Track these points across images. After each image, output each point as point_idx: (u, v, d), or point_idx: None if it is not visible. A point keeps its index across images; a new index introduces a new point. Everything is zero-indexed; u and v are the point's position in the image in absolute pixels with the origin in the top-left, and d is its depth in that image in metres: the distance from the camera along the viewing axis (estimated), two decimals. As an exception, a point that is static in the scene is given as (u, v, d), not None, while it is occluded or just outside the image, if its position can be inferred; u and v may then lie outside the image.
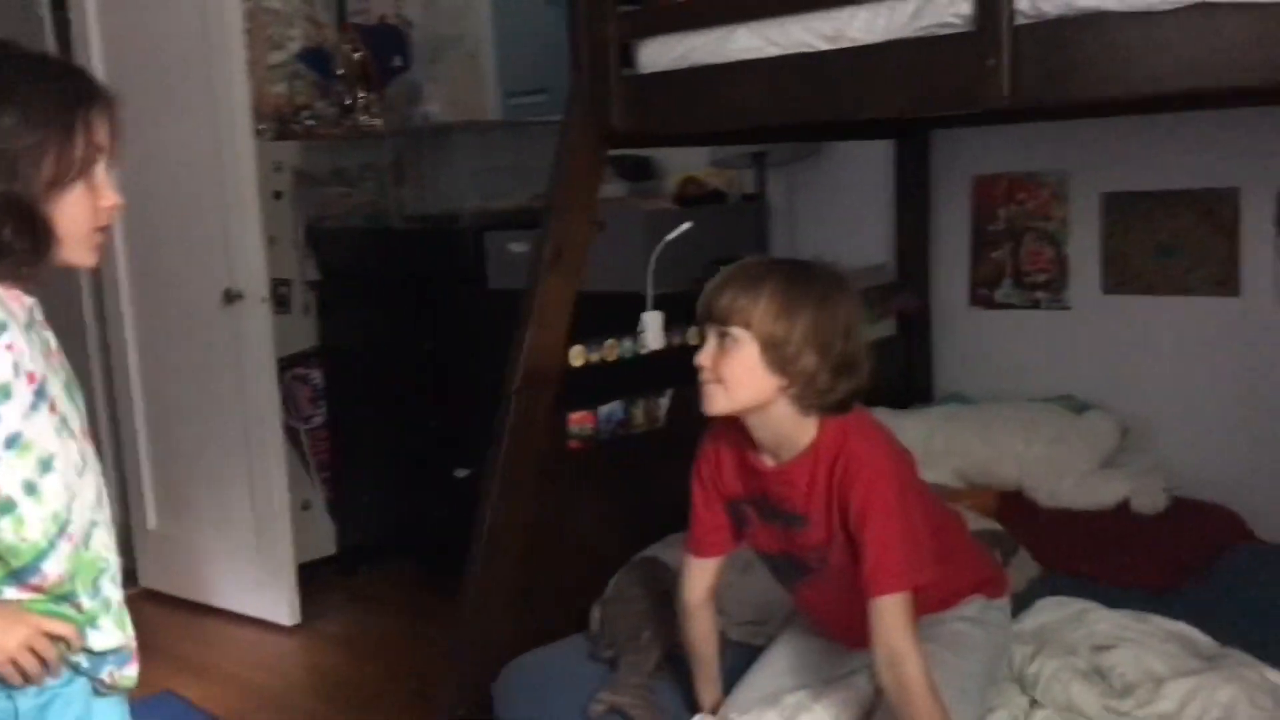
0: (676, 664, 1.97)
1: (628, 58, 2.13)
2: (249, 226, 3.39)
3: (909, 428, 2.69)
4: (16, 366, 1.22)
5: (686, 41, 2.00)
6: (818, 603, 1.76)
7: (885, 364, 2.99)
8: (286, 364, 3.88)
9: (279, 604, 3.55)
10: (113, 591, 1.36)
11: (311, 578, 3.79)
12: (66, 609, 1.29)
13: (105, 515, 1.37)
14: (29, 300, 1.31)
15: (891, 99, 1.78)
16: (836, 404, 1.60)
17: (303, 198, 3.94)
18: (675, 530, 2.32)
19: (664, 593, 2.03)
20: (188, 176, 3.50)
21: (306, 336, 3.99)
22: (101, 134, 1.28)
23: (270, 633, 3.54)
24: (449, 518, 3.65)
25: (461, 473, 3.57)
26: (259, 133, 3.84)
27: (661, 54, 2.05)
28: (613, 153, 2.28)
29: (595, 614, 2.13)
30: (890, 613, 1.53)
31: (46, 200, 1.24)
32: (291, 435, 3.93)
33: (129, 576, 3.96)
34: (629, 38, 2.10)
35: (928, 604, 1.63)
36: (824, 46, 1.83)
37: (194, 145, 3.45)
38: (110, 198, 1.31)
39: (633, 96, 2.11)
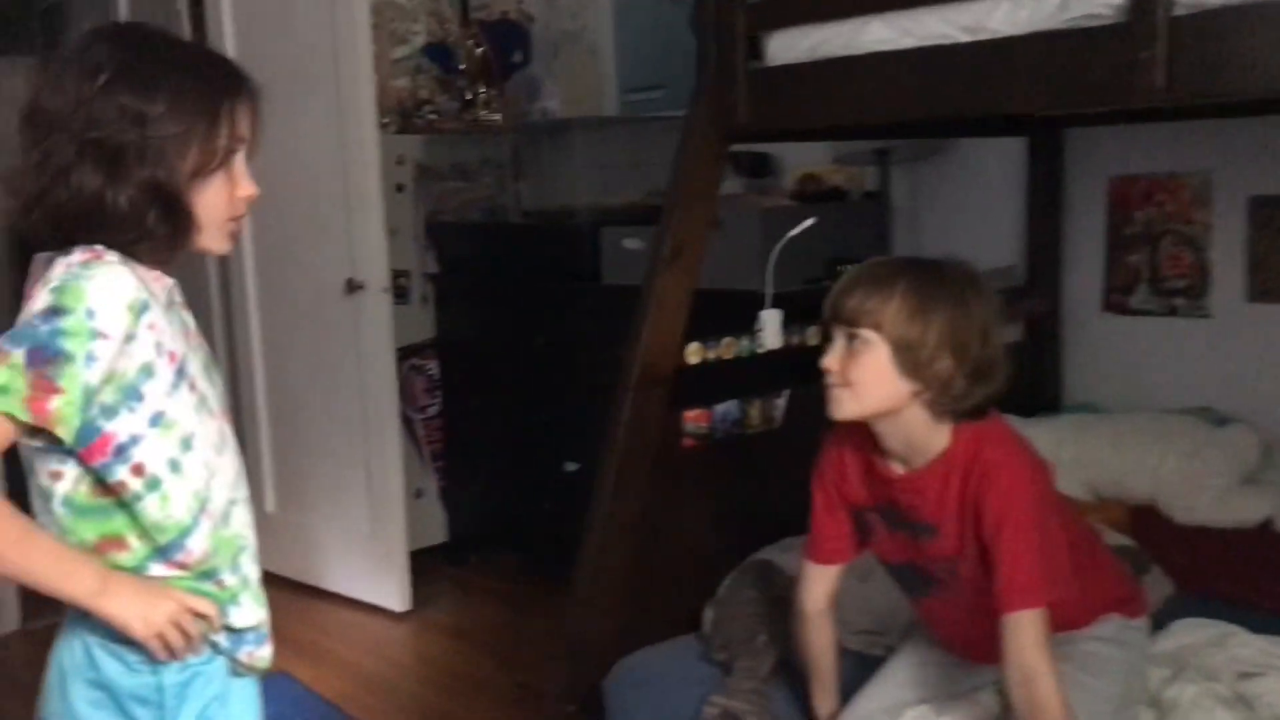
0: (791, 670, 1.93)
1: (755, 50, 2.09)
2: (371, 218, 3.44)
3: (1037, 437, 2.55)
4: (158, 346, 1.24)
5: (818, 33, 1.95)
6: (945, 616, 1.70)
7: (1014, 370, 2.91)
8: (404, 354, 3.93)
9: (390, 591, 3.60)
10: (251, 569, 1.39)
11: (422, 565, 3.83)
12: (209, 586, 1.31)
13: (244, 493, 1.38)
14: (169, 281, 1.33)
15: (1035, 94, 1.70)
16: (972, 410, 1.53)
17: (423, 191, 3.99)
18: (790, 533, 2.27)
19: (779, 597, 1.98)
20: (314, 168, 3.57)
21: (424, 328, 4.04)
22: (244, 125, 1.30)
23: (381, 619, 3.59)
24: (558, 511, 3.67)
25: (571, 466, 3.57)
26: (383, 126, 3.90)
27: (791, 46, 2.00)
28: (734, 149, 2.24)
29: (708, 615, 2.09)
30: (1025, 629, 1.46)
31: (189, 188, 1.27)
32: (406, 424, 3.98)
33: (248, 558, 4.10)
34: (757, 30, 2.06)
35: (1062, 621, 1.56)
36: (963, 39, 1.76)
37: (320, 137, 3.52)
38: (248, 188, 1.33)
39: (759, 90, 2.07)
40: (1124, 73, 1.55)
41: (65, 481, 1.24)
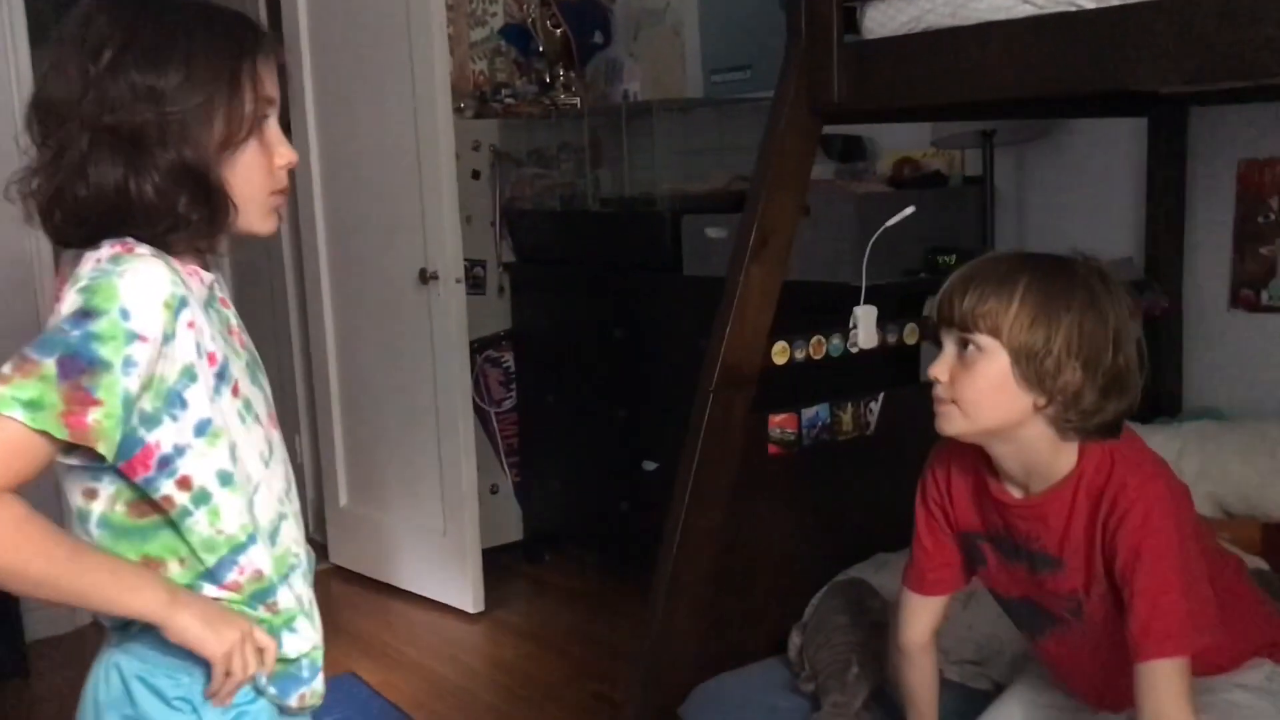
0: (886, 704, 1.76)
1: (851, 23, 1.91)
2: (445, 206, 3.33)
3: (1156, 446, 2.34)
4: (199, 346, 1.12)
5: (921, 2, 1.76)
6: (1066, 658, 1.51)
7: (1148, 380, 2.69)
8: (479, 346, 3.83)
9: (463, 591, 3.50)
10: (304, 589, 1.25)
11: (496, 562, 3.74)
12: (261, 612, 1.18)
13: (294, 508, 1.26)
14: (209, 277, 1.20)
15: (1173, 67, 1.49)
16: (1104, 427, 1.34)
17: (500, 177, 3.87)
18: (884, 549, 2.10)
19: (874, 623, 1.81)
20: (387, 154, 3.47)
21: (500, 319, 3.93)
22: (269, 84, 1.16)
23: (453, 619, 3.49)
24: (635, 511, 3.54)
25: (650, 466, 3.43)
26: (459, 110, 3.79)
27: (891, 17, 1.82)
28: (826, 130, 2.06)
29: (794, 640, 1.93)
30: (1165, 680, 1.28)
31: (220, 163, 1.13)
32: (482, 418, 3.88)
33: (320, 551, 4.05)
34: (854, 0, 1.88)
35: (1202, 666, 1.36)
36: (1089, 5, 1.56)
37: (394, 123, 3.42)
38: (286, 154, 1.19)
39: (855, 66, 1.89)
40: (1286, 40, 1.34)
41: (101, 501, 1.13)
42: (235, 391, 1.17)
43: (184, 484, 1.12)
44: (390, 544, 3.74)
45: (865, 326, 2.17)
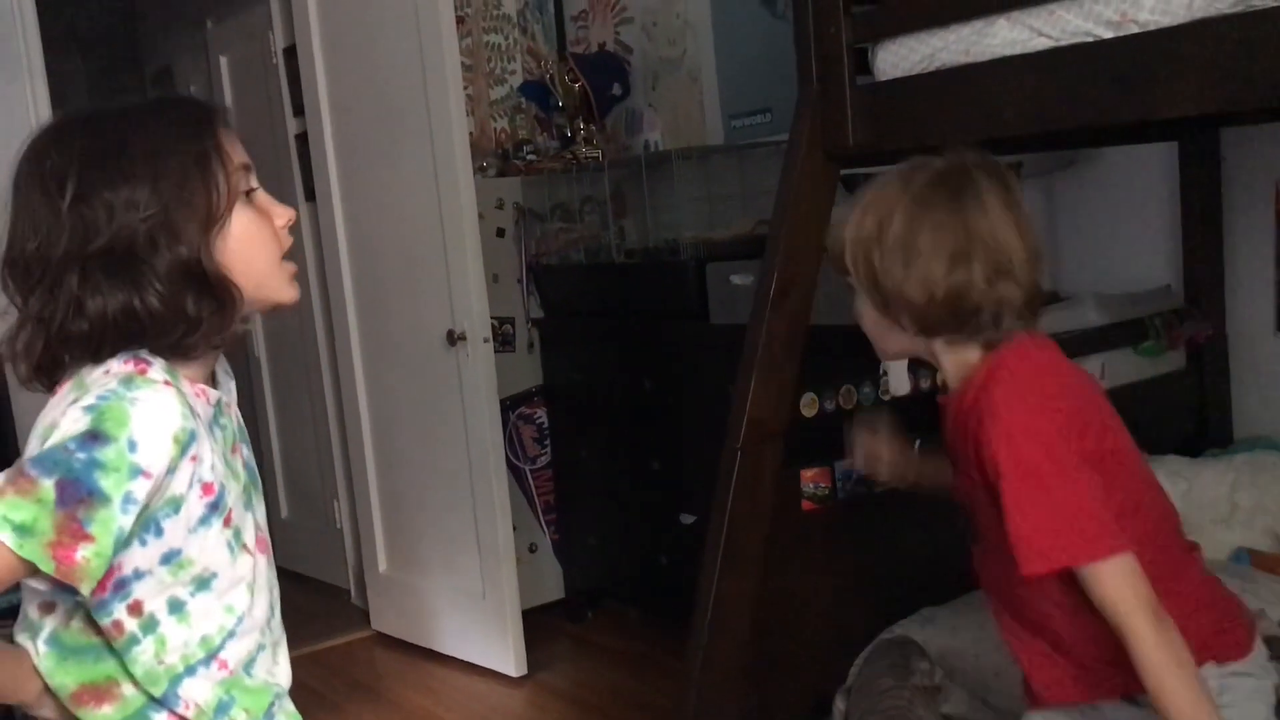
0: (935, 771, 1.68)
1: (863, 64, 1.87)
2: (470, 266, 3.32)
3: (1207, 480, 2.28)
4: (193, 478, 1.07)
5: (934, 40, 1.72)
6: (983, 568, 1.47)
7: (1174, 403, 2.61)
8: (511, 404, 3.80)
9: (505, 654, 3.44)
10: (288, 716, 1.21)
11: (539, 623, 3.67)
12: None
13: (275, 636, 1.20)
14: (215, 394, 1.16)
15: (1201, 93, 1.43)
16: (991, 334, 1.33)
17: (525, 234, 3.86)
18: (930, 603, 2.03)
19: (922, 687, 1.73)
20: (410, 217, 3.47)
21: (531, 375, 3.90)
22: (237, 152, 1.13)
23: (496, 683, 3.43)
24: (675, 564, 3.47)
25: (688, 519, 3.37)
26: (481, 170, 3.80)
27: (903, 57, 1.78)
28: (845, 172, 2.02)
29: (839, 705, 1.86)
30: (1094, 583, 1.24)
31: (211, 248, 1.09)
32: (517, 476, 3.84)
33: (361, 618, 4.01)
34: (865, 41, 1.84)
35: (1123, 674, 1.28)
36: (1106, 34, 1.51)
37: (416, 186, 3.41)
38: (282, 213, 1.16)
39: (869, 107, 1.85)
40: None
41: (57, 616, 1.07)
42: (227, 521, 1.12)
43: (135, 609, 1.07)
44: (430, 608, 3.70)
45: (896, 373, 2.11)
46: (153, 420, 1.02)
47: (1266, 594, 1.97)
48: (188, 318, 1.07)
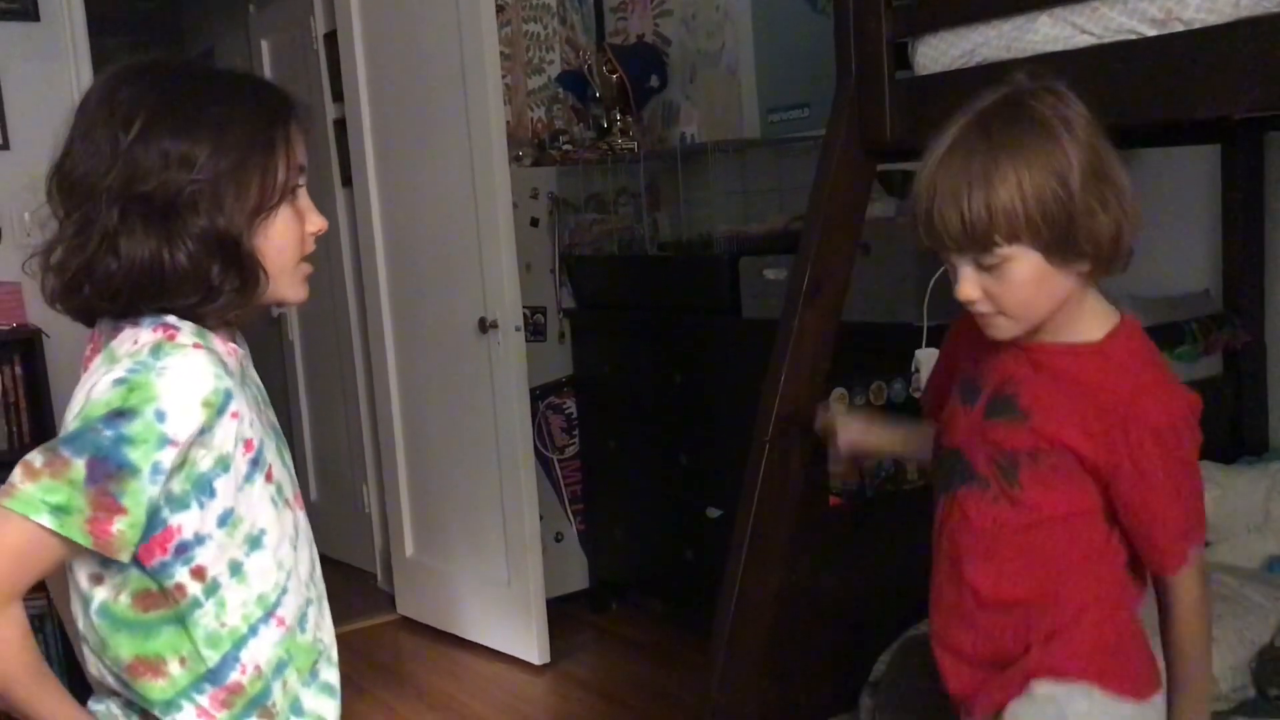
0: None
1: (903, 59, 1.85)
2: (503, 255, 3.33)
3: (1241, 487, 2.25)
4: (238, 436, 1.09)
5: (974, 35, 1.71)
6: (943, 525, 1.43)
7: (1210, 410, 2.57)
8: (541, 393, 3.81)
9: (529, 642, 3.46)
10: (331, 675, 1.22)
11: (563, 612, 3.69)
12: (254, 719, 1.13)
13: (319, 590, 1.23)
14: (241, 350, 1.18)
15: (1245, 93, 1.41)
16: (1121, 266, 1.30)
17: (559, 224, 3.87)
18: (954, 602, 2.01)
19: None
20: (446, 205, 3.48)
21: (561, 365, 3.91)
22: (301, 152, 1.15)
23: (518, 670, 3.44)
24: (700, 559, 3.47)
25: (714, 513, 3.36)
26: (517, 159, 3.80)
27: (943, 52, 1.76)
28: (880, 167, 2.01)
29: (866, 701, 1.85)
30: (1187, 588, 1.32)
31: (252, 231, 1.11)
32: (545, 465, 3.85)
33: (387, 602, 4.04)
34: (905, 36, 1.83)
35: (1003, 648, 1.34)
36: (1150, 32, 1.50)
37: (451, 174, 3.43)
38: (317, 221, 1.18)
39: (908, 103, 1.83)
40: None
41: (106, 588, 1.09)
42: (269, 477, 1.14)
43: (198, 574, 1.08)
44: (455, 595, 3.72)
45: (928, 370, 2.09)
46: (181, 388, 1.03)
47: (1298, 603, 1.95)
48: (210, 286, 1.09)
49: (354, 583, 4.33)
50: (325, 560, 1.26)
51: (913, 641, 1.89)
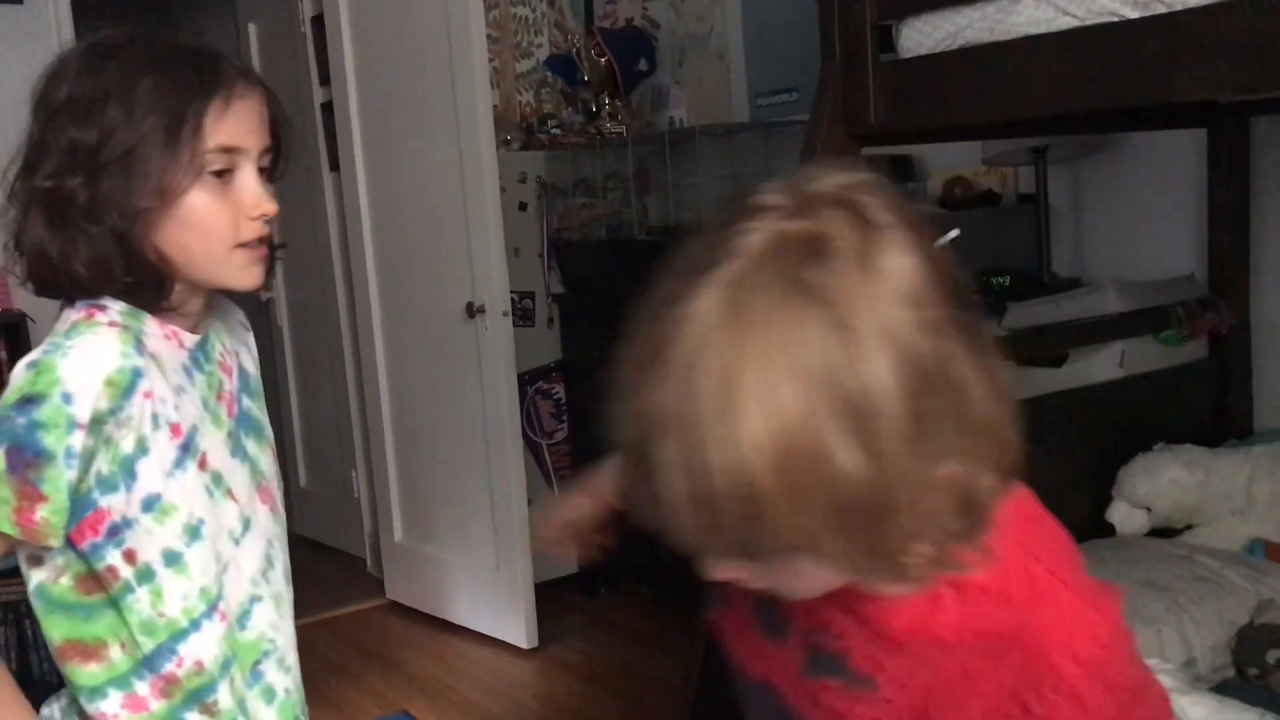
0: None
1: (887, 42, 1.85)
2: (491, 239, 3.32)
3: (1224, 470, 2.26)
4: (155, 418, 1.05)
5: (958, 18, 1.70)
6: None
7: (1195, 393, 2.59)
8: (530, 378, 3.81)
9: (517, 627, 3.46)
10: (279, 678, 1.18)
11: (551, 596, 3.69)
12: (194, 714, 1.10)
13: (273, 589, 1.18)
14: (193, 339, 1.13)
15: (1228, 76, 1.41)
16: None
17: (547, 208, 3.86)
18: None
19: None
20: (433, 189, 3.47)
21: (550, 350, 3.90)
22: (228, 132, 1.05)
23: (507, 655, 3.45)
24: (689, 544, 3.47)
25: (702, 497, 3.37)
26: (505, 143, 3.80)
27: (927, 34, 1.76)
28: (867, 151, 2.00)
29: (842, 683, 1.85)
30: None
31: (156, 221, 1.05)
32: (534, 450, 3.85)
33: (376, 586, 4.04)
34: (889, 18, 1.82)
35: None
36: (1133, 14, 1.49)
37: (438, 157, 3.42)
38: (257, 206, 1.08)
39: (892, 86, 1.83)
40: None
41: (45, 570, 1.07)
42: (202, 465, 1.10)
43: (129, 557, 1.05)
44: (444, 579, 3.72)
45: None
46: (81, 367, 1.00)
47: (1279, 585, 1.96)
48: (114, 283, 1.06)
49: (343, 568, 4.33)
50: (314, 546, 1.23)
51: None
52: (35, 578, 1.07)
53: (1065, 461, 2.30)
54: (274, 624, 1.17)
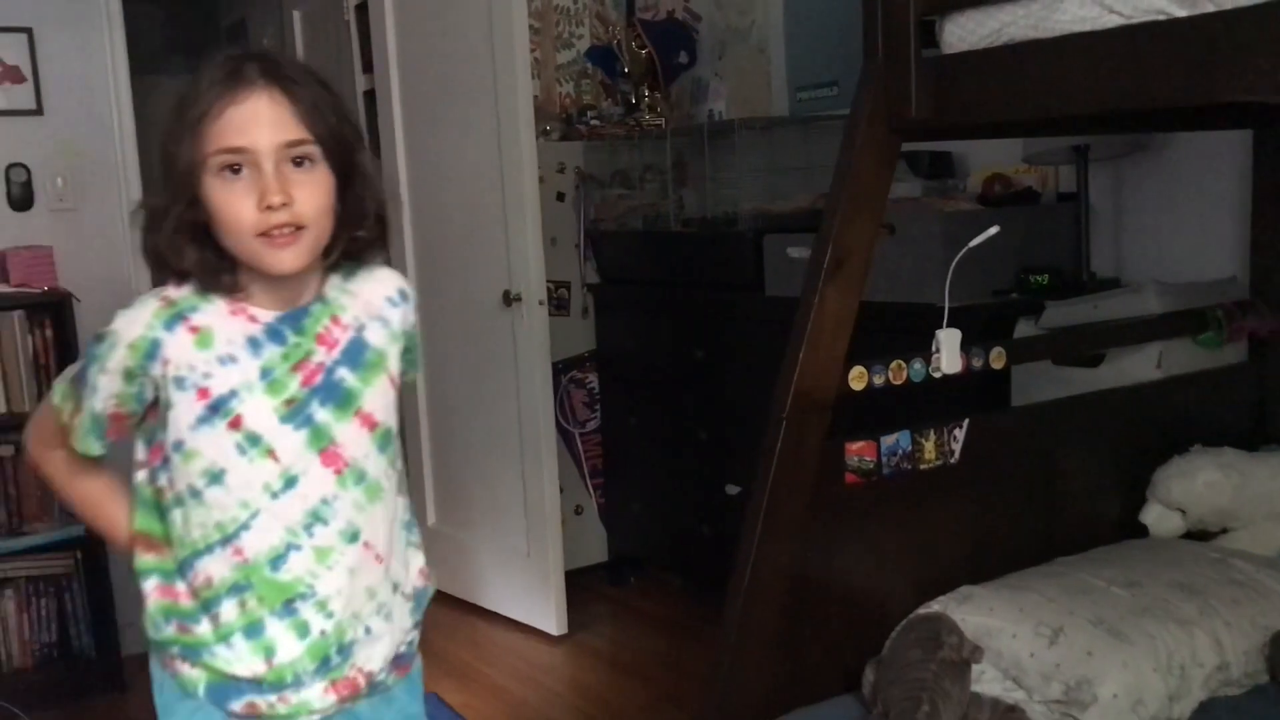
0: (964, 747, 1.68)
1: (930, 37, 1.84)
2: (528, 229, 3.34)
3: (1262, 475, 2.24)
4: (179, 381, 1.25)
5: (1002, 14, 1.69)
6: None
7: (1233, 396, 2.56)
8: (563, 367, 3.83)
9: (546, 613, 3.49)
10: (317, 620, 1.30)
11: (581, 584, 3.72)
12: (203, 623, 1.31)
13: (318, 542, 1.29)
14: (271, 315, 1.28)
15: (1277, 76, 1.40)
16: None
17: (584, 199, 3.87)
18: (969, 581, 2.02)
19: (947, 660, 1.73)
20: (473, 178, 3.50)
21: (584, 340, 3.93)
22: (234, 133, 1.19)
23: (536, 640, 3.48)
24: (718, 535, 3.49)
25: (733, 489, 3.38)
26: (544, 133, 3.81)
27: (971, 30, 1.75)
28: (908, 147, 2.00)
29: (869, 676, 1.86)
30: None
31: (205, 217, 1.23)
32: (566, 439, 3.87)
33: (408, 571, 4.07)
34: (932, 13, 1.81)
35: None
36: (1181, 12, 1.48)
37: (479, 147, 3.44)
38: (265, 199, 1.19)
39: (934, 81, 1.82)
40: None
41: (140, 472, 1.34)
42: (235, 425, 1.25)
43: (170, 483, 1.29)
44: (475, 564, 3.75)
45: (948, 350, 2.09)
46: (120, 330, 1.25)
47: (1315, 592, 1.95)
48: (179, 271, 1.25)
49: (376, 551, 4.37)
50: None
51: (917, 619, 1.90)
52: (134, 477, 1.34)
53: (1100, 462, 2.29)
54: (313, 572, 1.29)
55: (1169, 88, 1.53)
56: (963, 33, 1.78)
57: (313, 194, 1.21)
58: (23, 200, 3.34)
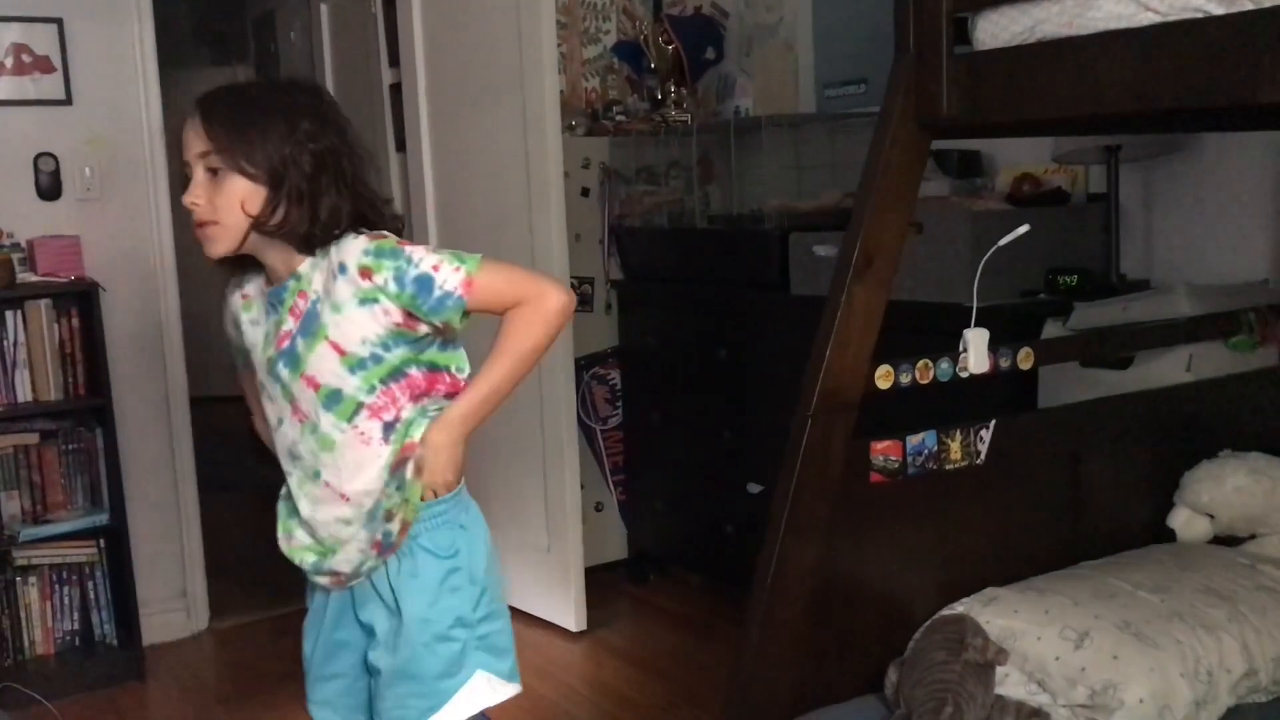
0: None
1: (962, 34, 1.83)
2: (553, 224, 3.34)
3: (1294, 481, 2.21)
4: (244, 320, 1.64)
5: (1036, 11, 1.68)
6: None
7: (1265, 400, 2.53)
8: (586, 363, 3.83)
9: (566, 609, 3.49)
10: (299, 528, 1.65)
11: (601, 581, 3.72)
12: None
13: (296, 472, 1.62)
14: (267, 289, 1.60)
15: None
16: None
17: (610, 194, 3.87)
18: (994, 583, 2.01)
19: (971, 661, 1.72)
20: (497, 172, 3.50)
21: (607, 336, 3.92)
22: (193, 142, 1.50)
23: (555, 636, 3.48)
24: (740, 533, 3.48)
25: (755, 488, 3.37)
26: (570, 128, 3.81)
27: (1004, 27, 1.73)
28: (937, 145, 1.98)
29: (891, 677, 1.85)
30: None
31: None
32: (588, 435, 3.87)
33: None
34: (965, 10, 1.80)
35: None
36: (1218, 10, 1.46)
37: (504, 141, 3.44)
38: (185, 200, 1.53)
39: (966, 79, 1.81)
40: None
41: None
42: (251, 368, 1.66)
43: None
44: (495, 559, 3.75)
45: (976, 350, 2.07)
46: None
47: (1346, 599, 1.92)
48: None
49: (396, 544, 4.38)
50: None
51: (942, 620, 1.89)
52: None
53: (1128, 465, 2.27)
54: (295, 494, 1.62)
55: (1206, 88, 1.51)
56: (995, 29, 1.76)
57: (218, 197, 1.48)
58: (51, 190, 3.36)
